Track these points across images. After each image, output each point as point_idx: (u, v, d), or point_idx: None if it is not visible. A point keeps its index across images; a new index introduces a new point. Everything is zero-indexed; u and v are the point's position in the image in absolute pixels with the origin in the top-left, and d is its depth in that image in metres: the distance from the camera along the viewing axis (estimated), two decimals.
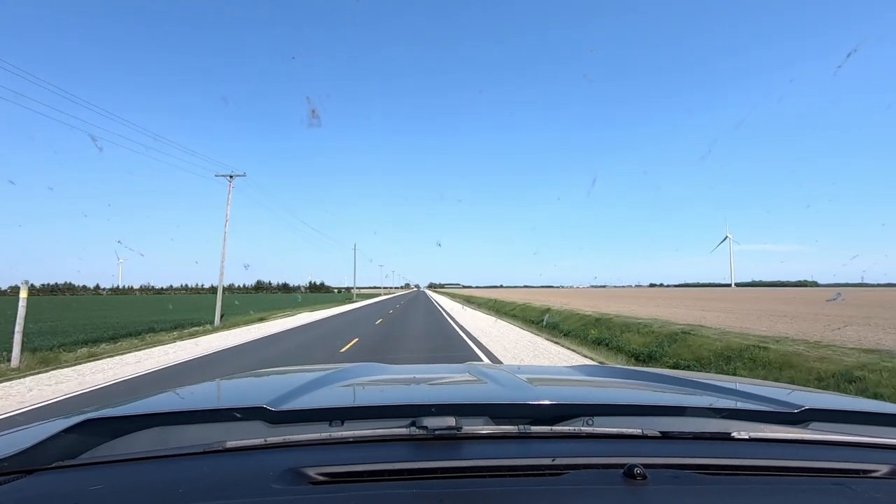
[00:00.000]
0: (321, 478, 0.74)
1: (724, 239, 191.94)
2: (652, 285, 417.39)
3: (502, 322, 23.28)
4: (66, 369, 10.18)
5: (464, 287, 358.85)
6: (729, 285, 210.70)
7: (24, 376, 9.32)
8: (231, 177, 23.16)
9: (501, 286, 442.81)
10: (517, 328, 20.14)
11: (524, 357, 11.47)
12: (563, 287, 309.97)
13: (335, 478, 0.75)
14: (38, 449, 0.81)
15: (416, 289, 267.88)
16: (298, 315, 29.42)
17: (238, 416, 0.95)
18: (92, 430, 0.87)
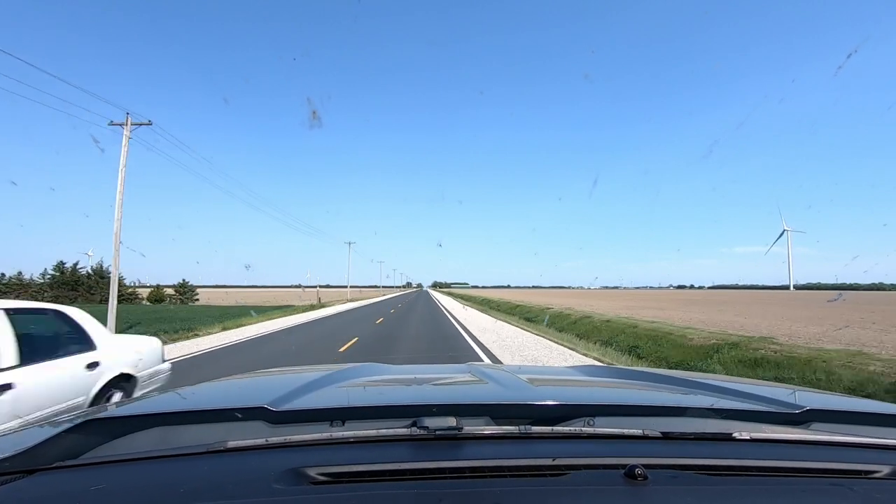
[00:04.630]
0: (322, 478, 0.74)
1: (781, 234, 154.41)
2: (681, 287, 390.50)
3: None
4: None
5: (471, 287, 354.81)
6: (787, 287, 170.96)
7: None
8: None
9: (509, 286, 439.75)
10: None
11: None
12: (571, 288, 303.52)
13: (336, 478, 0.75)
14: (40, 449, 0.81)
15: (417, 288, 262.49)
16: None
17: (239, 416, 0.95)
18: (93, 430, 0.88)
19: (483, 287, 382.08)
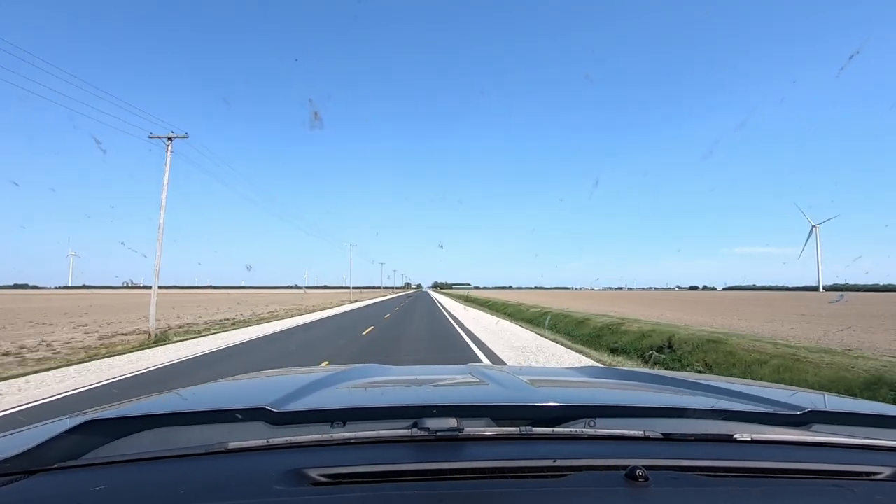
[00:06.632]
0: (323, 479, 0.75)
1: (811, 231, 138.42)
2: (693, 288, 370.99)
3: None
4: None
5: (473, 288, 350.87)
6: (816, 289, 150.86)
7: None
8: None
9: (511, 287, 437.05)
10: None
11: None
12: (574, 289, 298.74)
13: (337, 479, 0.75)
14: (41, 449, 0.81)
15: (417, 289, 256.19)
16: None
17: (240, 417, 0.95)
18: (94, 431, 0.88)
19: (485, 288, 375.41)
